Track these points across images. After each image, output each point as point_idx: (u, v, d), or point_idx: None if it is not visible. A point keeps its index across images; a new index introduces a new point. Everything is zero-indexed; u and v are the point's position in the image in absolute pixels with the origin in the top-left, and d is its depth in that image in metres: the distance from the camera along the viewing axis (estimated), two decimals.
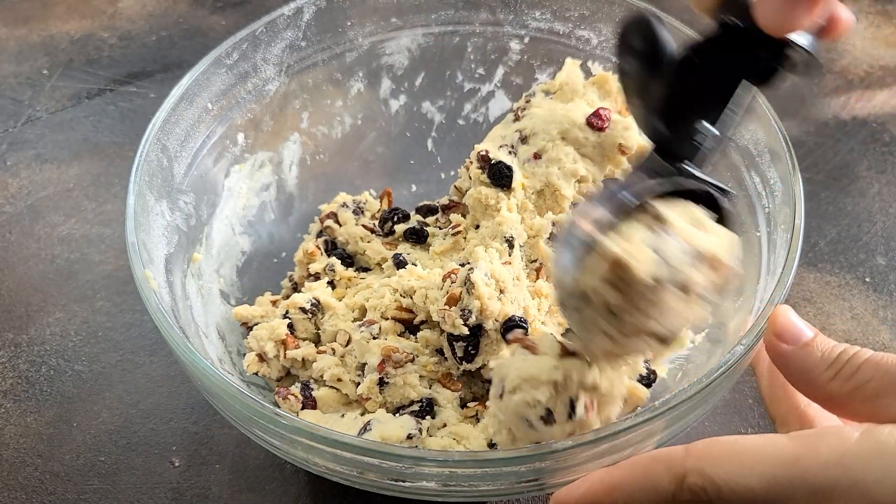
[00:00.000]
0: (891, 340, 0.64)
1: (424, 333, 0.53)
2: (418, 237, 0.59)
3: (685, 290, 0.38)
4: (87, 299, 0.67)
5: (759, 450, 0.33)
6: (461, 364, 0.51)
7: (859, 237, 0.71)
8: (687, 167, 0.40)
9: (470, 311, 0.49)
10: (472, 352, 0.51)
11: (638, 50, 0.39)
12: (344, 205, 0.63)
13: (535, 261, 0.55)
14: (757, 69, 0.38)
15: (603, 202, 0.39)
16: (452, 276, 0.51)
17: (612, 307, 0.38)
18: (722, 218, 0.41)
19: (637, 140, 0.56)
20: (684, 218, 0.39)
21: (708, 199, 0.41)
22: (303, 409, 0.53)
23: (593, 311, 0.38)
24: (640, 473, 0.36)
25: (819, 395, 0.39)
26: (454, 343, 0.51)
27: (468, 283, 0.49)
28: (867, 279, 0.68)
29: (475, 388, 0.54)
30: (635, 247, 0.37)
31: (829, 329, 0.65)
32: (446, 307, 0.50)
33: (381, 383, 0.51)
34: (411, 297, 0.53)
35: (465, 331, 0.50)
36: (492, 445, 0.49)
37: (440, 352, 0.52)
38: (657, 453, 0.36)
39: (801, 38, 0.37)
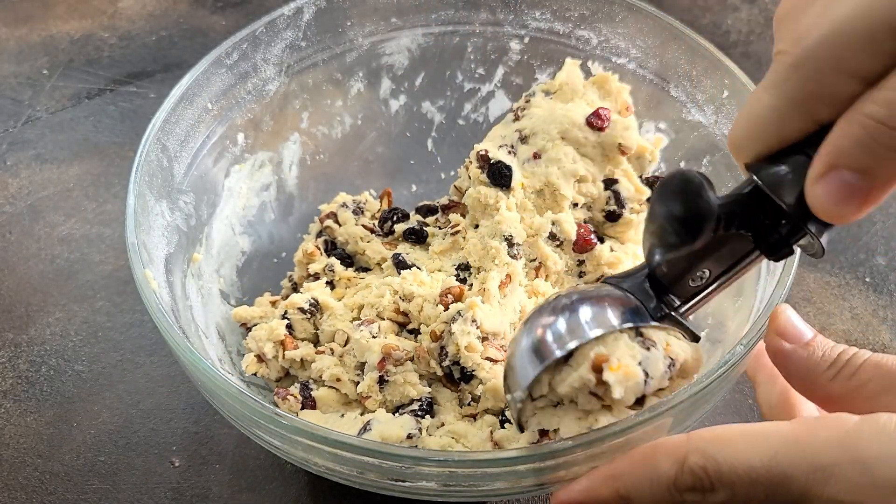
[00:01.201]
0: (891, 340, 0.64)
1: (423, 337, 0.53)
2: (418, 237, 0.59)
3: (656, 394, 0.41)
4: (87, 299, 0.67)
5: (761, 431, 0.34)
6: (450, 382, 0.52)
7: (859, 237, 0.71)
8: (672, 300, 0.40)
9: (447, 354, 0.50)
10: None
11: (678, 204, 0.36)
12: (344, 205, 0.63)
13: (534, 260, 0.55)
14: (771, 242, 0.37)
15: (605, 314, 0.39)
16: (448, 296, 0.52)
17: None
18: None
19: (637, 140, 0.56)
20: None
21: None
22: (302, 409, 0.53)
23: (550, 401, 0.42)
24: (641, 461, 0.36)
25: (819, 395, 0.39)
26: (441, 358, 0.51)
27: (450, 330, 0.50)
28: (867, 279, 0.68)
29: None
30: (629, 365, 0.39)
31: (829, 329, 0.65)
32: (426, 345, 0.51)
33: (382, 381, 0.51)
34: (409, 303, 0.53)
35: (440, 371, 0.51)
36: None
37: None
38: (658, 441, 0.36)
39: (817, 227, 0.35)
